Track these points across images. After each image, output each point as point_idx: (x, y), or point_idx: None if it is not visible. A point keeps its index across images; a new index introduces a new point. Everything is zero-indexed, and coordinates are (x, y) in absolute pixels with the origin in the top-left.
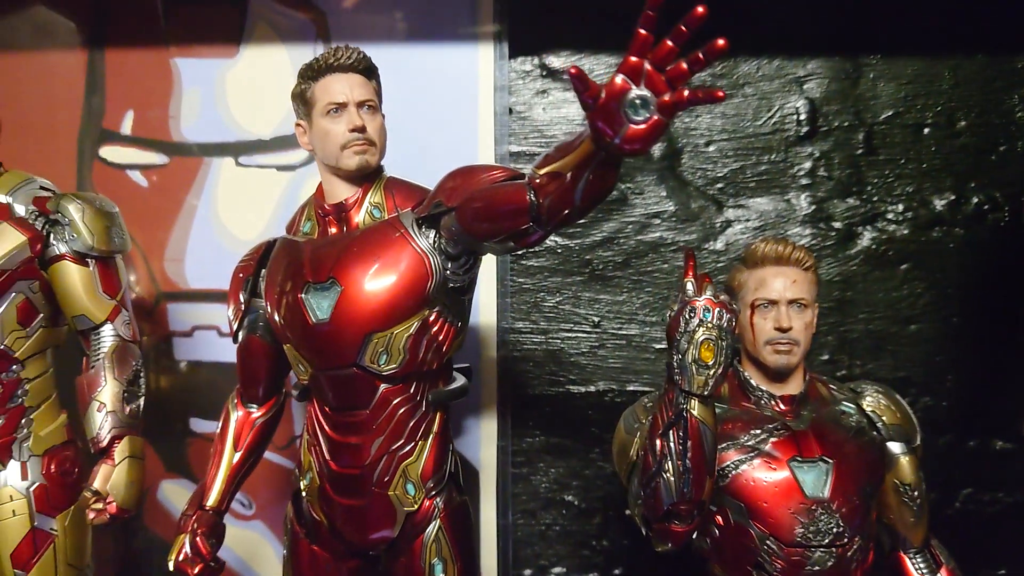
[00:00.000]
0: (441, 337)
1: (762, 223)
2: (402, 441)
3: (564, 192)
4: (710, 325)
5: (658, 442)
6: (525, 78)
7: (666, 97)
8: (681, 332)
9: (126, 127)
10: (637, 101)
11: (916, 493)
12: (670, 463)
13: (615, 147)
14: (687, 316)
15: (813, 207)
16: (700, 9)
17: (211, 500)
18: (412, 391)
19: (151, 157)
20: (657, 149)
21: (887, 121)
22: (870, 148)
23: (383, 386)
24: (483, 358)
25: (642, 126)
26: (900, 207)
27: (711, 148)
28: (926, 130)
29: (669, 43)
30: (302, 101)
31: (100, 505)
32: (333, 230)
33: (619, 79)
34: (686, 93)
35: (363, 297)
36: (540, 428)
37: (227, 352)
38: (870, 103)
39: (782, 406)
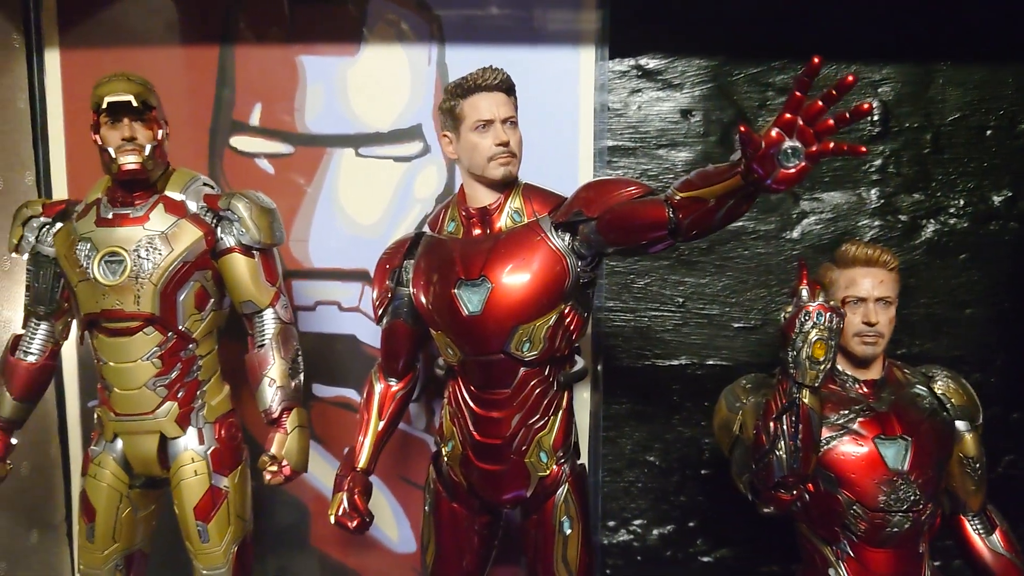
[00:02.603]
0: (572, 327)
1: (835, 215)
2: (537, 416)
3: (706, 214)
4: (822, 327)
5: (771, 425)
6: (621, 78)
7: (813, 148)
8: (796, 332)
9: (254, 119)
10: (789, 151)
11: (978, 465)
12: (782, 443)
13: (765, 186)
14: (802, 319)
15: (882, 201)
16: (850, 78)
17: (361, 463)
18: (546, 373)
19: (278, 147)
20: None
21: (953, 123)
22: (936, 148)
23: (523, 369)
24: None
25: (791, 171)
26: (961, 202)
27: None
28: (988, 132)
29: (820, 103)
30: (451, 116)
31: (275, 468)
32: (477, 231)
33: (775, 132)
34: (831, 145)
35: (511, 293)
36: (627, 396)
37: (346, 325)
38: (938, 106)
39: (864, 389)
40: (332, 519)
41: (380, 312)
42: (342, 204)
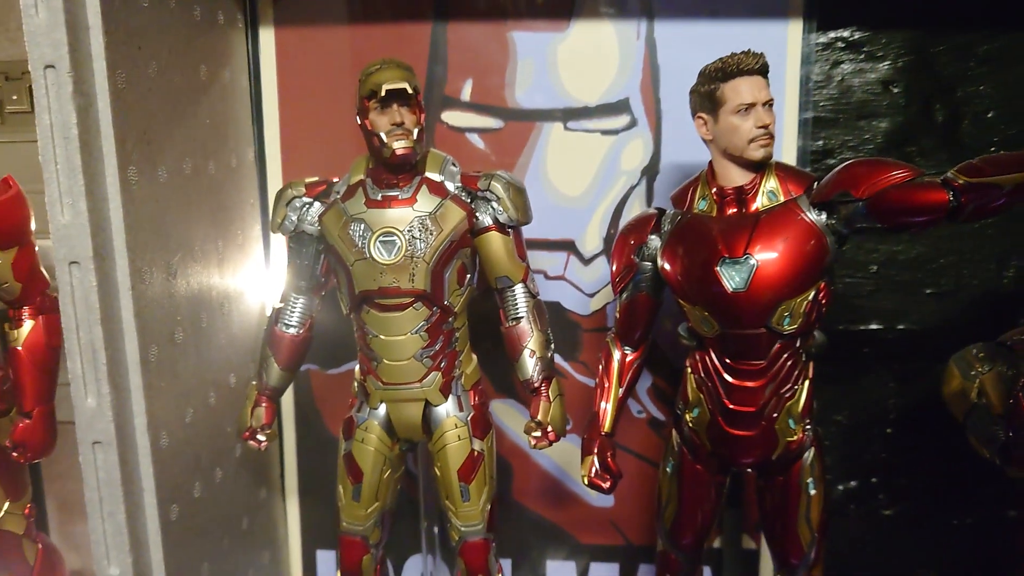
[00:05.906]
0: (824, 301)
1: None
2: (788, 385)
3: (994, 199)
4: None
5: None
6: (825, 50)
7: None
8: None
9: (465, 94)
10: None
11: None
12: None
13: None
14: None
15: None
16: None
17: (606, 427)
18: (797, 345)
19: (488, 121)
20: (941, 115)
21: None
22: None
23: (778, 342)
24: None
25: None
26: None
27: (990, 114)
28: None
29: None
30: (709, 99)
31: (539, 433)
32: (732, 210)
33: None
34: None
35: (776, 271)
36: (820, 359)
37: (552, 293)
38: None
39: None
40: (585, 480)
41: (621, 286)
42: (549, 176)
